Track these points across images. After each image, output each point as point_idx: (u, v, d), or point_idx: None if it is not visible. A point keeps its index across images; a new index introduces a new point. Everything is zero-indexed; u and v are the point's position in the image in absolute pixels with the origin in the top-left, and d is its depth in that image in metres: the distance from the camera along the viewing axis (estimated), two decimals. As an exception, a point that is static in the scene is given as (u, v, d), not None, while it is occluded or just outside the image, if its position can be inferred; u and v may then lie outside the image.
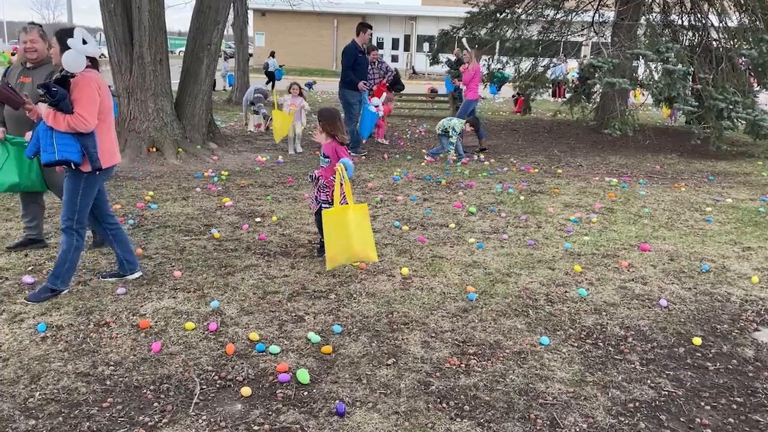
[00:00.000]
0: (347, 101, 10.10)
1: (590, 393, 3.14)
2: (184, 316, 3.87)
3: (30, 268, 4.58)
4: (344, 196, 4.46)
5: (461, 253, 5.26)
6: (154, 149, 8.73)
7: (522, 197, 7.39)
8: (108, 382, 3.10)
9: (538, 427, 2.84)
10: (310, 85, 26.18)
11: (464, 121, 10.01)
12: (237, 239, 5.46)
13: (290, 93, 10.33)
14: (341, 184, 4.43)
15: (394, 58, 37.65)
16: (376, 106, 10.39)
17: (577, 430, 2.82)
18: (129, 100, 8.77)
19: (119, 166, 8.23)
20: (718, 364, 3.50)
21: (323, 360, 3.41)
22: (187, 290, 4.29)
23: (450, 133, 9.84)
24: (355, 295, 4.30)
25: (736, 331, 3.94)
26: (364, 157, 9.91)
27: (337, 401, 2.97)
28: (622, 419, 2.92)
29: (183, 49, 12.12)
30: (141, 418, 2.81)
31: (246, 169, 8.63)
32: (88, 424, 2.75)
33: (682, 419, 2.94)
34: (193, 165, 8.62)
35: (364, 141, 10.55)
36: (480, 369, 3.35)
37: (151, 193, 6.95)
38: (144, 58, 8.59)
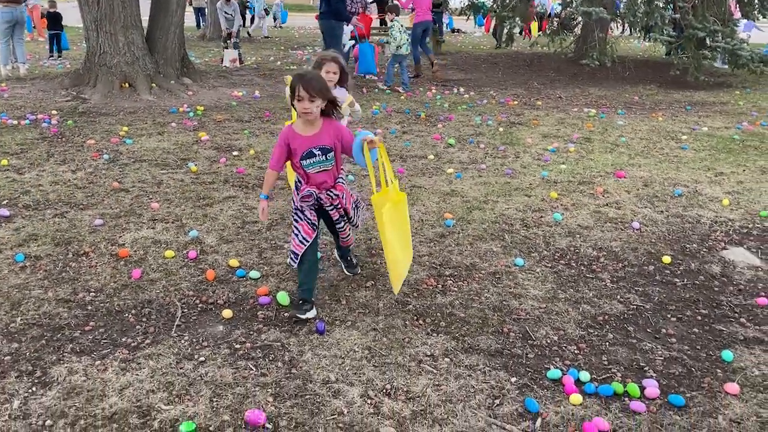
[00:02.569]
0: (334, 33, 9.82)
1: (562, 308, 3.25)
2: (163, 245, 3.89)
3: (5, 202, 4.53)
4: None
5: (440, 183, 5.29)
6: (127, 85, 8.53)
7: (501, 129, 7.39)
8: (89, 308, 3.14)
9: (510, 340, 2.94)
10: (267, 11, 24.13)
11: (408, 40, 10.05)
12: (214, 172, 5.43)
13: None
14: (381, 164, 3.09)
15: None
16: (351, 31, 10.28)
17: (548, 341, 2.94)
18: (98, 34, 8.50)
19: (92, 103, 8.07)
20: (686, 280, 3.62)
21: (303, 284, 3.46)
22: (166, 221, 4.29)
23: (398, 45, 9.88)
24: (333, 224, 4.33)
25: (705, 250, 4.06)
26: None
27: (317, 320, 3.04)
28: (592, 331, 3.04)
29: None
30: (124, 339, 2.87)
31: (222, 104, 8.49)
32: (71, 346, 2.80)
33: (648, 330, 3.06)
34: (168, 100, 8.46)
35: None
36: (456, 289, 3.44)
37: (125, 128, 6.83)
38: (111, -12, 8.28)
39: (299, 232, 3.07)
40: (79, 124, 7.02)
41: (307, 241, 3.05)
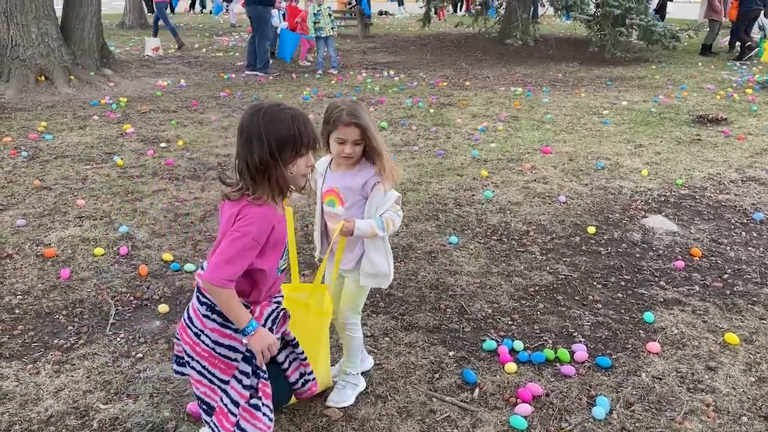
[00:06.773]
0: (263, 19, 9.76)
1: (495, 282, 3.36)
2: (92, 243, 3.77)
3: None
4: None
5: (373, 166, 5.33)
6: (43, 78, 8.14)
7: (432, 110, 7.48)
8: (17, 311, 3.02)
9: (447, 315, 3.03)
10: None
11: None
12: (142, 165, 5.28)
13: None
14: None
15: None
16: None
17: (483, 314, 3.04)
18: (8, 25, 8.05)
19: (6, 98, 7.66)
20: (610, 248, 3.81)
21: (240, 274, 3.44)
22: (93, 218, 4.16)
23: None
24: (269, 212, 4.31)
25: (626, 219, 4.27)
26: (272, 78, 9.67)
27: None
28: (524, 302, 3.16)
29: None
30: (56, 341, 2.78)
31: (146, 95, 8.24)
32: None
33: (576, 298, 3.22)
34: (88, 93, 8.13)
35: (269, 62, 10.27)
36: (393, 270, 3.49)
37: (44, 123, 6.54)
38: (19, -24, 7.85)
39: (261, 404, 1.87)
40: (-7, 120, 6.67)
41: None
